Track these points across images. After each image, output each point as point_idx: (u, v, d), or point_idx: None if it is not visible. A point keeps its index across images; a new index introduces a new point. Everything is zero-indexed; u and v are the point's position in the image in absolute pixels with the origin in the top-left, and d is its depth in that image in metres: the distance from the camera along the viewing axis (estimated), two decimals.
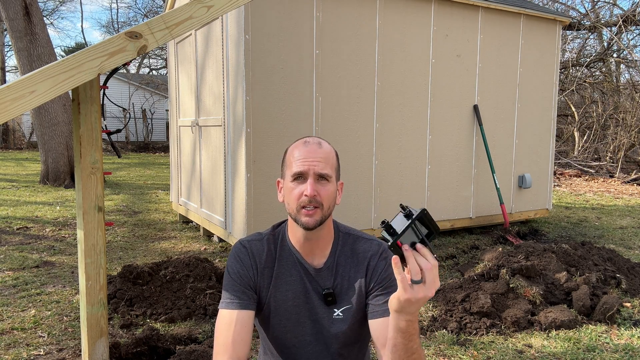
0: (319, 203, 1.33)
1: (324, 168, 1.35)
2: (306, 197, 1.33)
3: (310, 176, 1.34)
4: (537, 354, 2.78)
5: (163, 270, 3.60)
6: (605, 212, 7.27)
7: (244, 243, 1.46)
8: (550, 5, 14.83)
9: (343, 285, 1.43)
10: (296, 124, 4.43)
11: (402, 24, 4.94)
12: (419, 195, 5.20)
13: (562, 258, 3.85)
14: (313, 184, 1.33)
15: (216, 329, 1.36)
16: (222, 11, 2.25)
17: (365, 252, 1.45)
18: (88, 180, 2.15)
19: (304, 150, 1.36)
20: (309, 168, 1.34)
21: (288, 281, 1.43)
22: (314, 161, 1.34)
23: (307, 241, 1.41)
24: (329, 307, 1.43)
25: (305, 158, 1.35)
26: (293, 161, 1.37)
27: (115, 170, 12.59)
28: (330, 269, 1.44)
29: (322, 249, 1.44)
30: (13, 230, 5.70)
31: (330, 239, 1.46)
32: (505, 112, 5.78)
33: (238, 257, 1.43)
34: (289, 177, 1.37)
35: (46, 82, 1.81)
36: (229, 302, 1.37)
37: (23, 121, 21.15)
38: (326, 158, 1.37)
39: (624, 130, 12.83)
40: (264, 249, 1.44)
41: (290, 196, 1.36)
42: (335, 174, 1.40)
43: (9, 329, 3.05)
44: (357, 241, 1.47)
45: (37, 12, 9.04)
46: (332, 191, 1.37)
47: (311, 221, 1.33)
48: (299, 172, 1.34)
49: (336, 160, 1.42)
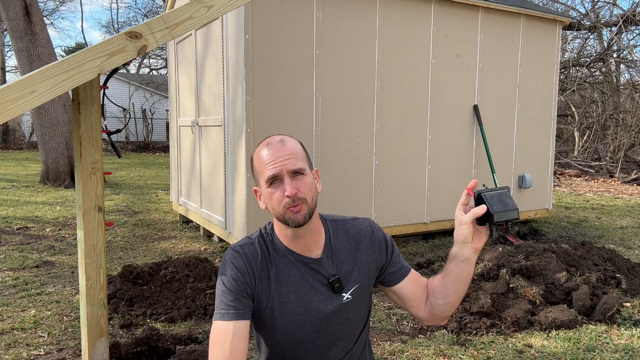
0: (302, 199, 1.33)
1: (295, 163, 1.33)
2: (288, 198, 1.31)
3: (285, 176, 1.32)
4: (537, 354, 2.78)
5: (163, 270, 3.60)
6: (605, 212, 7.27)
7: (237, 248, 1.41)
8: (550, 5, 14.83)
9: (347, 269, 1.45)
10: (296, 124, 4.43)
11: (402, 24, 4.94)
12: (419, 195, 5.20)
13: (562, 258, 3.85)
14: (290, 182, 1.32)
15: (211, 341, 1.31)
16: (222, 11, 2.25)
17: (359, 231, 1.49)
18: (88, 180, 2.15)
19: (269, 153, 1.34)
20: (281, 169, 1.32)
21: (288, 282, 1.41)
22: (283, 160, 1.32)
23: (300, 238, 1.40)
24: (337, 294, 1.43)
25: (273, 160, 1.33)
26: (263, 166, 1.34)
27: (115, 170, 12.59)
28: (329, 257, 1.44)
29: (316, 241, 1.43)
30: (13, 230, 5.70)
31: (321, 229, 1.45)
32: (505, 112, 5.78)
33: (232, 264, 1.38)
34: (263, 183, 1.35)
35: (46, 82, 1.81)
36: (224, 312, 1.32)
37: (23, 121, 21.15)
38: (293, 153, 1.35)
39: (624, 130, 12.83)
40: (258, 251, 1.41)
41: (272, 201, 1.34)
42: (308, 164, 1.39)
43: (9, 329, 3.05)
44: (346, 224, 1.50)
45: (37, 12, 9.04)
46: (311, 182, 1.36)
47: (300, 216, 1.32)
48: (272, 176, 1.32)
49: (304, 151, 1.40)
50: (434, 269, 4.35)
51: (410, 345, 2.89)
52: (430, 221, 5.29)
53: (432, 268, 4.37)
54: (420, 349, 2.83)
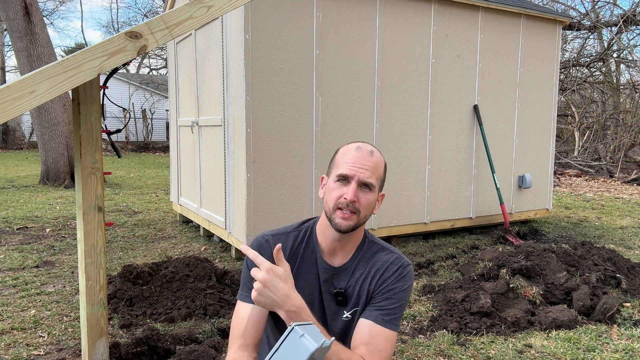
0: (357, 209, 1.36)
1: (370, 177, 1.37)
2: (345, 200, 1.35)
3: (354, 181, 1.36)
4: (537, 354, 2.78)
5: (163, 270, 3.60)
6: (605, 212, 7.27)
7: (268, 238, 1.46)
8: (550, 5, 14.82)
9: (355, 288, 1.45)
10: (296, 124, 4.43)
11: (402, 24, 4.94)
12: (419, 195, 5.20)
13: (562, 258, 3.85)
14: (355, 189, 1.35)
15: (233, 318, 1.40)
16: (222, 11, 2.25)
17: (385, 262, 1.48)
18: (88, 180, 2.15)
19: (354, 155, 1.38)
20: (355, 173, 1.36)
21: (306, 278, 1.44)
22: (361, 168, 1.36)
23: (336, 242, 1.43)
24: (338, 307, 1.45)
25: (354, 163, 1.37)
26: (342, 162, 1.39)
27: (115, 170, 12.59)
28: (347, 271, 1.46)
29: (346, 251, 1.46)
30: (13, 230, 5.70)
31: (357, 244, 1.48)
32: (505, 112, 5.78)
33: (259, 252, 1.40)
34: (334, 176, 1.39)
35: (46, 82, 1.81)
36: (246, 295, 1.39)
37: (23, 121, 21.15)
38: (374, 167, 1.39)
39: (624, 130, 12.83)
40: (288, 245, 1.45)
41: (331, 195, 1.38)
42: (379, 184, 1.43)
43: (9, 329, 3.05)
44: (381, 250, 1.50)
45: (37, 12, 9.04)
46: (372, 201, 1.39)
47: (344, 224, 1.36)
48: (344, 175, 1.37)
49: (383, 172, 1.44)
50: (434, 269, 4.35)
51: (410, 345, 2.89)
52: (430, 221, 5.29)
53: (432, 268, 4.37)
54: (420, 349, 2.83)
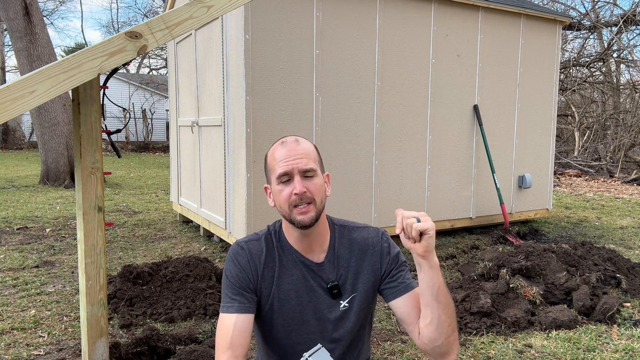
0: (311, 198, 1.34)
1: (307, 163, 1.36)
2: (296, 196, 1.33)
3: (295, 174, 1.34)
4: (537, 354, 2.78)
5: (163, 270, 3.60)
6: (605, 212, 7.27)
7: (242, 244, 1.44)
8: (550, 5, 14.82)
9: (347, 277, 1.45)
10: (296, 124, 4.43)
11: (402, 24, 4.94)
12: (419, 195, 5.20)
13: (562, 258, 3.85)
14: (300, 181, 1.34)
15: (217, 332, 1.38)
16: (222, 11, 2.25)
17: (365, 240, 1.47)
18: (88, 180, 2.15)
19: (283, 151, 1.37)
20: (293, 167, 1.34)
21: (290, 280, 1.43)
22: (295, 159, 1.35)
23: (305, 238, 1.42)
24: (335, 300, 1.44)
25: (286, 158, 1.35)
26: (275, 164, 1.37)
27: (115, 170, 12.59)
28: (331, 263, 1.45)
29: (320, 244, 1.44)
30: (13, 230, 5.70)
31: (327, 233, 1.46)
32: (505, 112, 5.78)
33: (236, 260, 1.41)
34: (274, 180, 1.38)
35: (46, 82, 1.81)
36: (229, 305, 1.37)
37: (23, 121, 21.15)
38: (307, 153, 1.37)
39: (624, 130, 12.83)
40: (263, 249, 1.43)
41: (280, 198, 1.36)
42: (319, 166, 1.41)
43: (9, 329, 3.05)
44: (353, 231, 1.49)
45: (37, 12, 9.04)
46: (320, 184, 1.38)
47: (306, 218, 1.34)
48: (283, 173, 1.35)
49: (317, 154, 1.43)
50: None
51: (410, 345, 2.89)
52: None
53: None
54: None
